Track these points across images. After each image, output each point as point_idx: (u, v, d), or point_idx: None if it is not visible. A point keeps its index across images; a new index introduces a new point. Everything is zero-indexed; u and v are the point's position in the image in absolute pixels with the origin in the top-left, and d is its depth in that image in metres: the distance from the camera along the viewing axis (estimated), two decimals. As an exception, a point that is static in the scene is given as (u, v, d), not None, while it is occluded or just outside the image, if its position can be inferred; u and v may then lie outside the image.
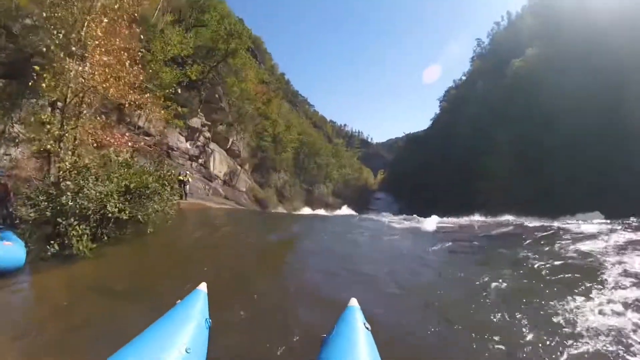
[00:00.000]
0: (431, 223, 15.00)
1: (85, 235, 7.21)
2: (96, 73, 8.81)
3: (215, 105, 29.42)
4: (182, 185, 17.40)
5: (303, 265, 7.95)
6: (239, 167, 32.12)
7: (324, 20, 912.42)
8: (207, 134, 27.63)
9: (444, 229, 13.49)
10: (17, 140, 10.29)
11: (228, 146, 31.36)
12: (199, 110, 26.66)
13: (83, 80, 8.65)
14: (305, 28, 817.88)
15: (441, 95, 77.70)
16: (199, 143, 26.53)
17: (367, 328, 2.86)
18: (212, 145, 28.21)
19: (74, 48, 8.69)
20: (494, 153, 41.40)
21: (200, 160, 26.39)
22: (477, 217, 19.41)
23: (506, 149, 39.75)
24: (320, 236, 11.81)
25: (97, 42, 8.93)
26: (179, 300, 3.24)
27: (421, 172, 63.33)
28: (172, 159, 22.72)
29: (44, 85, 8.34)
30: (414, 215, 18.09)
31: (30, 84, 8.68)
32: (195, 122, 26.20)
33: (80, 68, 8.53)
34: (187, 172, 18.76)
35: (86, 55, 8.83)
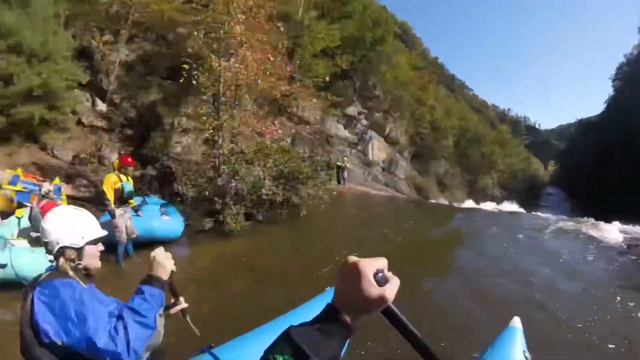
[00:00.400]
0: (613, 231, 11.64)
1: (240, 215, 7.79)
2: (243, 67, 9.31)
3: (370, 94, 29.16)
4: (341, 170, 17.20)
5: (468, 269, 7.16)
6: (397, 154, 31.25)
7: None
8: (364, 122, 27.59)
9: (630, 241, 10.19)
10: (186, 131, 11.52)
11: (385, 133, 30.77)
12: (354, 98, 26.75)
13: (230, 75, 9.22)
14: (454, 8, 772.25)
15: (612, 73, 62.95)
16: (357, 130, 26.70)
17: (527, 357, 2.47)
18: (370, 133, 27.98)
19: (215, 46, 9.34)
20: None
21: (358, 147, 26.43)
22: None
23: None
24: (489, 237, 10.38)
25: (239, 39, 9.34)
26: (328, 288, 3.03)
27: (597, 165, 52.13)
28: (331, 146, 23.04)
29: (194, 82, 9.14)
30: (588, 219, 14.35)
31: (192, 82, 9.40)
32: (352, 110, 26.31)
33: (226, 64, 9.09)
34: (345, 158, 18.51)
35: (231, 51, 9.39)
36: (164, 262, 1.55)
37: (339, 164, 17.34)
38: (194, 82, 9.14)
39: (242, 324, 2.44)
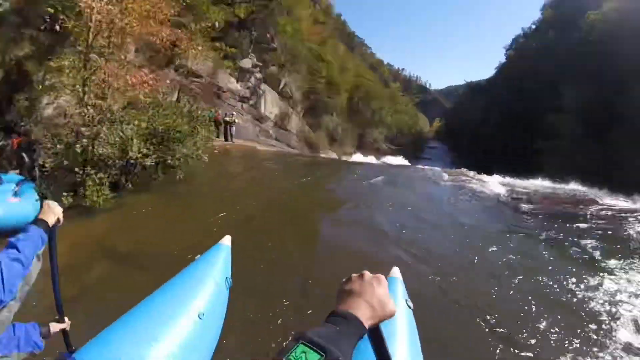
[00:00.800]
0: (494, 183, 13.62)
1: (104, 185, 6.74)
2: (115, 9, 7.81)
3: (267, 46, 28.93)
4: (229, 126, 17.61)
5: (347, 222, 7.45)
6: (290, 109, 32.04)
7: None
8: (259, 75, 27.45)
9: (511, 194, 12.04)
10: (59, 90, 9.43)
11: (280, 88, 31.13)
12: (249, 51, 26.43)
13: (100, 18, 7.61)
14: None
15: (508, 43, 70.51)
16: (249, 84, 26.45)
17: (410, 307, 2.39)
18: (264, 87, 28.06)
19: None
20: (559, 112, 37.81)
21: (250, 102, 26.41)
22: (541, 182, 18.06)
23: (573, 109, 36.24)
24: (369, 191, 10.80)
25: None
26: (199, 256, 2.87)
27: (480, 124, 59.42)
28: (222, 100, 23.05)
29: (57, 28, 7.86)
30: (473, 173, 16.22)
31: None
32: (246, 62, 26.02)
33: (97, 5, 7.49)
34: (234, 113, 18.88)
35: None
36: (54, 208, 1.71)
37: (227, 119, 17.65)
38: (57, 27, 8.13)
39: (104, 318, 2.15)
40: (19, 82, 10.03)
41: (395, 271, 2.69)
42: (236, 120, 18.73)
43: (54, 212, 1.70)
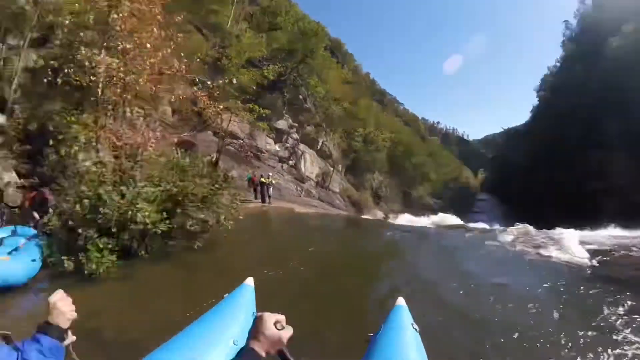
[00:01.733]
0: (570, 240, 9.48)
1: (106, 251, 6.02)
2: (122, 62, 7.85)
3: (300, 107, 28.46)
4: (266, 187, 16.13)
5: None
6: (331, 168, 30.61)
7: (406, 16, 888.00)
8: (295, 136, 26.76)
9: (595, 255, 8.16)
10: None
11: (318, 147, 30.20)
12: (283, 112, 25.93)
13: (104, 71, 7.78)
14: (388, 24, 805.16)
15: (537, 84, 68.31)
16: (287, 144, 25.71)
17: (415, 329, 2.69)
18: (302, 147, 27.19)
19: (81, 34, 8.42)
20: (603, 147, 33.93)
21: (290, 162, 25.51)
22: (614, 231, 15.03)
23: (617, 142, 32.61)
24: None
25: (120, 27, 7.93)
26: (226, 295, 3.03)
27: (525, 172, 55.84)
28: (262, 162, 21.96)
29: (58, 81, 7.91)
30: (538, 231, 11.64)
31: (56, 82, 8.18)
32: (282, 124, 25.48)
33: (98, 58, 7.75)
34: (270, 174, 17.41)
35: (117, 44, 7.95)
36: (64, 308, 1.37)
37: (263, 180, 16.22)
38: (59, 80, 7.91)
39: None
40: (49, 134, 9.54)
41: (401, 300, 3.08)
42: (273, 182, 17.19)
43: (65, 315, 1.37)
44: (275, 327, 0.98)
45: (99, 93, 7.90)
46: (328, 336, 4.26)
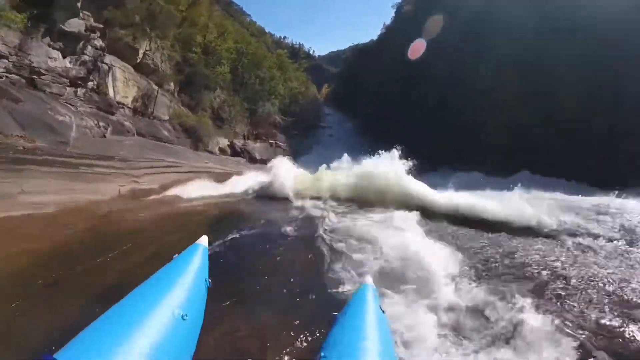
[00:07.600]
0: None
1: None
2: None
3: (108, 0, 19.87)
4: None
5: None
6: (155, 88, 23.51)
7: None
8: (99, 43, 18.78)
9: None
10: None
11: (138, 60, 22.74)
12: (77, 5, 17.29)
13: None
14: None
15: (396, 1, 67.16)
16: (85, 57, 17.83)
17: (383, 311, 2.58)
18: (109, 59, 19.51)
19: None
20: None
21: (89, 84, 17.92)
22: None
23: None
24: None
25: None
26: (176, 255, 2.74)
27: (377, 86, 56.20)
28: (39, 89, 14.68)
29: None
30: None
31: None
32: (75, 24, 17.17)
33: None
34: None
35: None
36: None
37: None
38: None
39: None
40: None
41: (368, 279, 3.00)
42: None
43: None
44: None
45: None
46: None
